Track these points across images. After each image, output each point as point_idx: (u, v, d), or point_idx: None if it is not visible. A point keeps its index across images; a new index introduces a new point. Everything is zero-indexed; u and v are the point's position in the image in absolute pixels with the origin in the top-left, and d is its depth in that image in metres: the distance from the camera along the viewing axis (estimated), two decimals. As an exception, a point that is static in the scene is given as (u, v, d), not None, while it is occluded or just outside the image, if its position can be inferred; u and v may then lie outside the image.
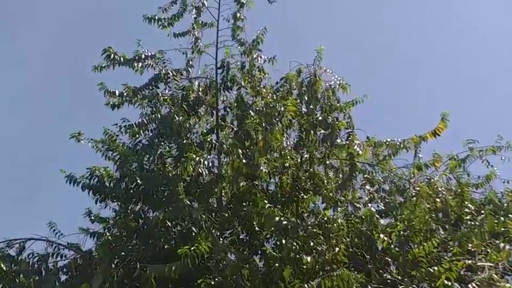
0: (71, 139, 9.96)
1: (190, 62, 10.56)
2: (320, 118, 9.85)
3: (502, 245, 7.29)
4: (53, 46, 19.64)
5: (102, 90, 10.12)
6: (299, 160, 10.20)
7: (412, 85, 19.74)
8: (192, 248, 8.09)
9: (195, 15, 10.49)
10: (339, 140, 9.78)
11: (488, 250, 8.44)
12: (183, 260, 8.02)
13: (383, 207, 9.97)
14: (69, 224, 10.16)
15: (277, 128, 9.11)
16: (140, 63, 10.27)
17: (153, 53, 10.41)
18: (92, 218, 10.04)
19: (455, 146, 10.52)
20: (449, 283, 7.82)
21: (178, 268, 8.02)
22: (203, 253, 8.11)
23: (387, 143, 10.42)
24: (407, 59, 20.01)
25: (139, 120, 9.95)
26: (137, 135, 10.05)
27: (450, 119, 10.20)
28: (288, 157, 10.03)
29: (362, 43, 19.63)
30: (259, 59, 10.35)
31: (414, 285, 8.53)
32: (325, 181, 9.98)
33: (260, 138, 9.06)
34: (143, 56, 10.32)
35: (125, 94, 10.14)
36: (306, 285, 7.88)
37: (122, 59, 10.18)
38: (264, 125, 9.17)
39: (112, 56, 10.10)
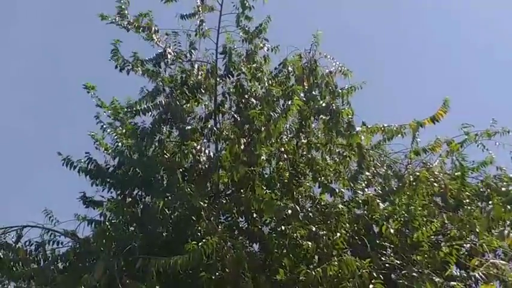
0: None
1: (194, 45, 10.39)
2: (324, 105, 9.79)
3: (506, 232, 7.33)
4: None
5: (114, 45, 9.93)
6: (296, 145, 10.17)
7: (412, 71, 19.81)
8: (200, 244, 8.03)
9: None
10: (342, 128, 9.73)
11: (485, 235, 8.55)
12: (190, 255, 7.96)
13: (380, 192, 9.99)
14: (65, 211, 10.12)
15: (281, 118, 9.00)
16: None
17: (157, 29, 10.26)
18: (87, 202, 9.95)
19: (450, 131, 10.58)
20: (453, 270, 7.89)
21: (184, 263, 7.96)
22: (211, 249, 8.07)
23: (383, 128, 10.42)
24: (406, 44, 20.06)
25: (145, 106, 9.85)
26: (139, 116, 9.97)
27: (450, 104, 10.21)
28: (286, 142, 10.02)
29: (360, 29, 19.57)
30: (265, 48, 10.26)
31: (415, 270, 8.60)
32: (323, 167, 9.99)
33: (263, 128, 8.99)
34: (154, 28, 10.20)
35: (130, 61, 10.00)
36: (312, 272, 7.88)
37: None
38: (264, 112, 9.10)
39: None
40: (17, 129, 18.34)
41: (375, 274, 8.16)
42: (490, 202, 9.01)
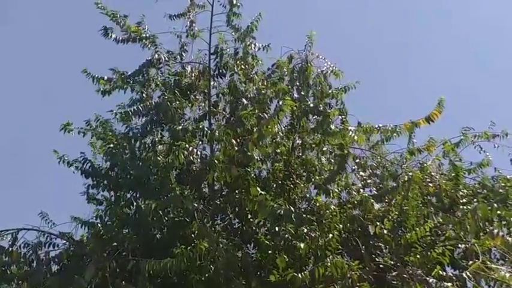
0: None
1: (185, 47, 10.42)
2: (311, 105, 9.75)
3: (495, 231, 7.24)
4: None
5: (87, 76, 9.96)
6: (291, 146, 10.13)
7: (407, 70, 19.74)
8: (189, 248, 8.03)
9: None
10: (332, 127, 9.67)
11: (481, 235, 8.46)
12: (179, 259, 7.96)
13: (376, 193, 9.94)
14: (61, 213, 10.15)
15: (272, 119, 8.94)
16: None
17: (148, 35, 10.29)
18: (89, 197, 9.99)
19: (448, 131, 10.51)
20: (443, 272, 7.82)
21: (174, 266, 7.96)
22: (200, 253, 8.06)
23: (379, 128, 10.35)
24: (401, 44, 19.98)
25: (135, 107, 9.78)
26: (130, 121, 9.90)
27: (445, 104, 10.10)
28: (280, 143, 9.98)
29: (355, 28, 19.54)
30: (253, 46, 10.19)
31: (408, 271, 8.52)
32: (318, 167, 9.94)
33: (255, 129, 8.94)
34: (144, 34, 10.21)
35: (114, 79, 9.98)
36: (299, 275, 7.83)
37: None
38: (256, 112, 9.06)
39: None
40: (17, 129, 18.43)
41: (365, 276, 8.10)
42: (475, 200, 8.95)
